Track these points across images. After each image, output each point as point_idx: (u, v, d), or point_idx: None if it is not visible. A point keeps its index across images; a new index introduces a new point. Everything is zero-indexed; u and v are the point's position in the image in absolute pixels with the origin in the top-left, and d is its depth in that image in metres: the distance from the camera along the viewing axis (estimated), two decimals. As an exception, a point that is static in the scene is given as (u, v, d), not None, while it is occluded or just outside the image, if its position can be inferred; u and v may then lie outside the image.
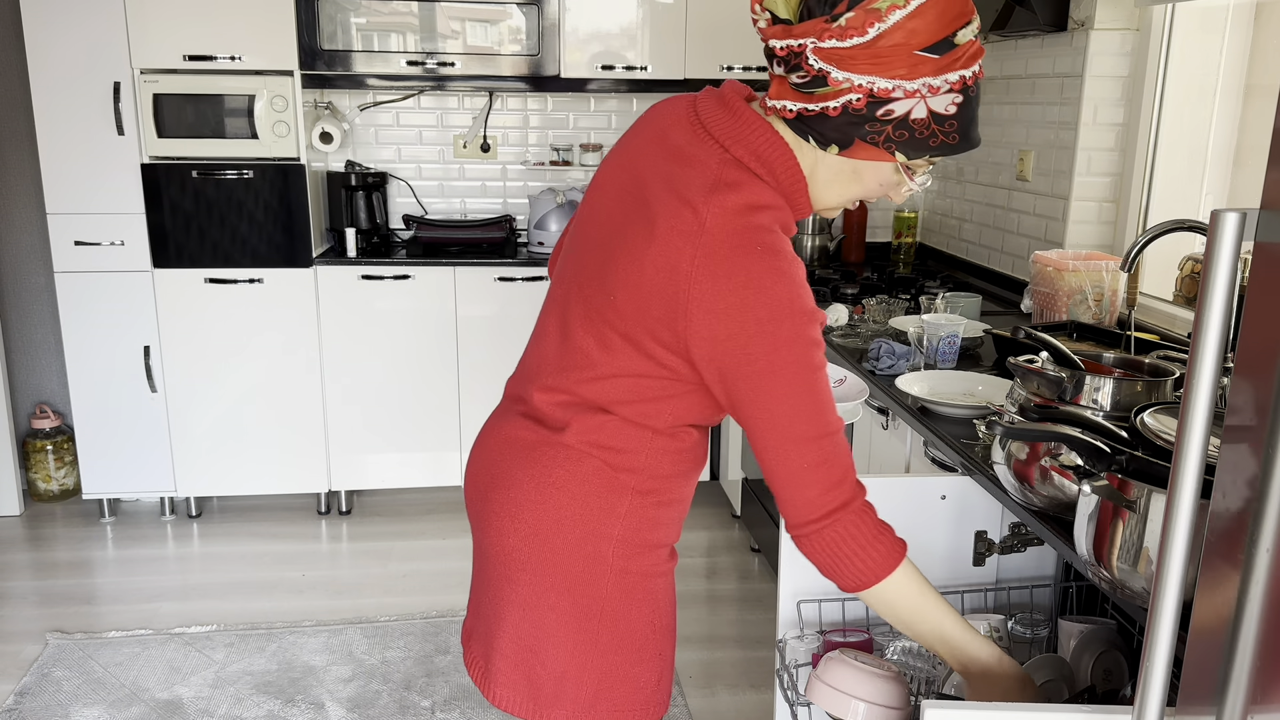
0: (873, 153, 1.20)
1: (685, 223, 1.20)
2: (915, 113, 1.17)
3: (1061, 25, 2.81)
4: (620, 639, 1.42)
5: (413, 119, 4.12)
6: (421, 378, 3.82)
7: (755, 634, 3.08)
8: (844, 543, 1.23)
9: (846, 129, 1.19)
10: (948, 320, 2.29)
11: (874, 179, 1.26)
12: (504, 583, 1.41)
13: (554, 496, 1.35)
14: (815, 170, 1.26)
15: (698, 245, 1.19)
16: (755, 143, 1.24)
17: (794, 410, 1.21)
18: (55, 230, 3.55)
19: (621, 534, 1.37)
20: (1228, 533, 0.92)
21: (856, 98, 1.16)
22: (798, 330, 1.19)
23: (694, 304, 1.19)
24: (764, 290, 1.18)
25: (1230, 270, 0.87)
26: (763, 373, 1.19)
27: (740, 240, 1.19)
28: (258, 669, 2.86)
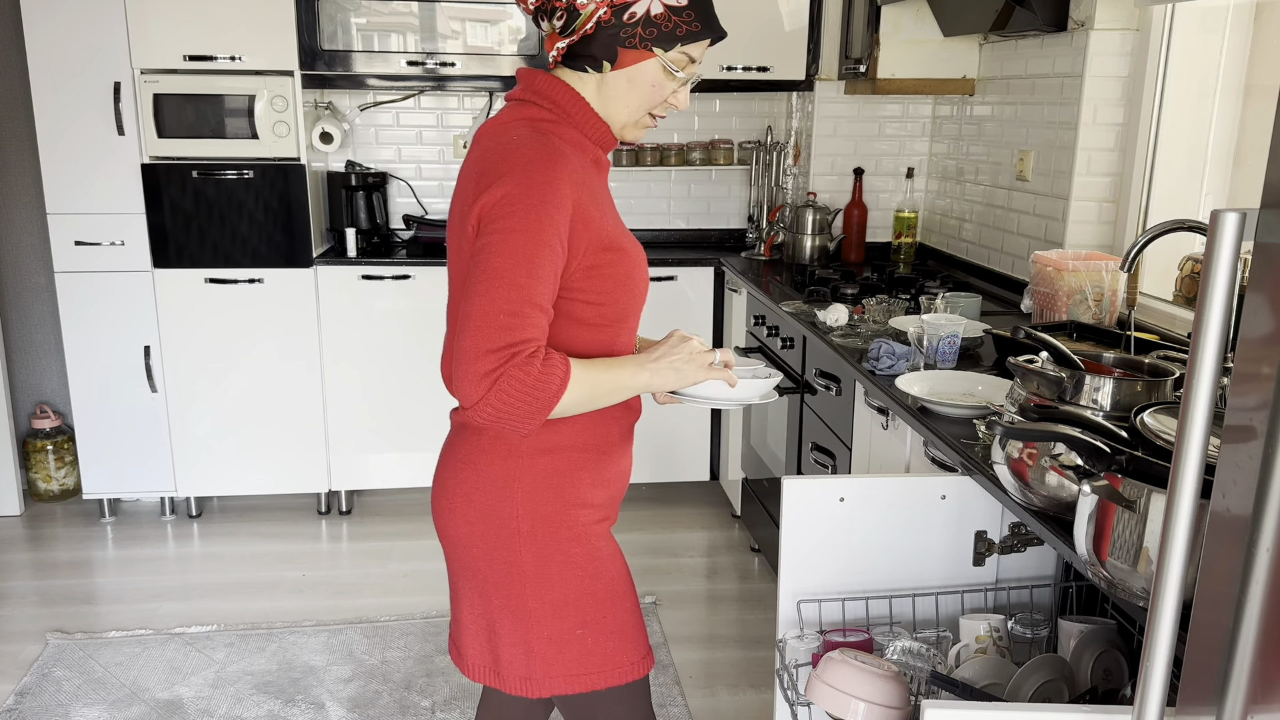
0: (635, 55, 1.41)
1: (472, 153, 1.42)
2: (654, 9, 1.39)
3: (1061, 25, 2.81)
4: (554, 606, 1.48)
5: (413, 119, 4.12)
6: (421, 378, 3.82)
7: (755, 634, 3.08)
8: (509, 399, 1.31)
9: (607, 42, 1.40)
10: (948, 320, 2.29)
11: (646, 82, 1.43)
12: (451, 563, 1.56)
13: (461, 471, 1.49)
14: (600, 95, 1.45)
15: (477, 155, 1.40)
16: (535, 83, 1.45)
17: (509, 266, 1.31)
18: (55, 230, 3.55)
19: (523, 498, 1.45)
20: (1228, 533, 0.92)
21: (604, 12, 1.38)
22: (544, 197, 1.33)
23: (472, 196, 1.36)
24: (512, 156, 1.35)
25: (1230, 270, 0.87)
26: (500, 230, 1.32)
27: (501, 131, 1.41)
28: (258, 669, 2.86)
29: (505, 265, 1.31)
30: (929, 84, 3.42)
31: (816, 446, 2.79)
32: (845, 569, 1.72)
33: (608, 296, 1.43)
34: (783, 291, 3.24)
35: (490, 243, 1.32)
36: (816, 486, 1.68)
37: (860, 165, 3.87)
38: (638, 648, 1.55)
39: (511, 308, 1.31)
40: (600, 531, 1.52)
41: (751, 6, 3.76)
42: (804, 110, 3.97)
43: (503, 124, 1.43)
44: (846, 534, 1.70)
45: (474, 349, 1.30)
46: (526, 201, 1.32)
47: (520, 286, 1.31)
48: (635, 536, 3.74)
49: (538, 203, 1.32)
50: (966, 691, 1.52)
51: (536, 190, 1.33)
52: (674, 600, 3.28)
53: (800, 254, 3.75)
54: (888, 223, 3.95)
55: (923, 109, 3.84)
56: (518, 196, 1.32)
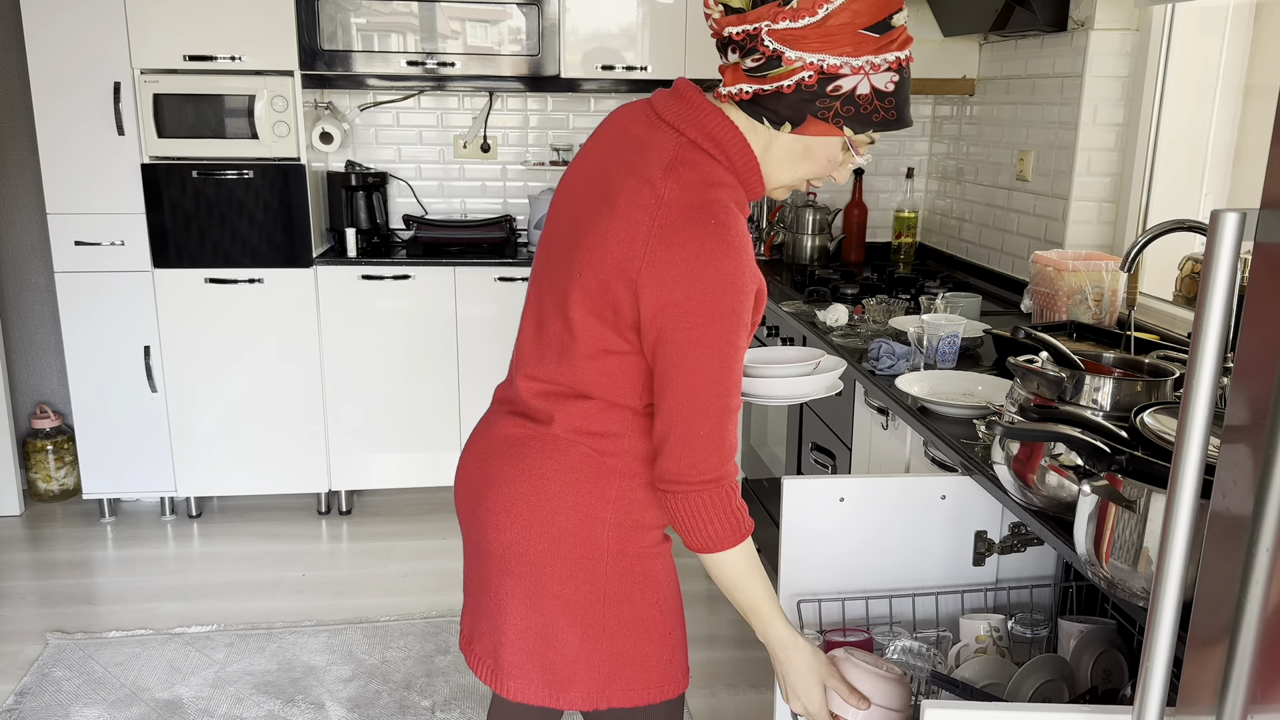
0: (823, 128, 1.31)
1: (644, 198, 1.29)
2: (860, 88, 1.28)
3: (1061, 25, 2.81)
4: (626, 621, 1.46)
5: (413, 119, 4.12)
6: (421, 378, 3.82)
7: (755, 634, 3.08)
8: (708, 510, 1.35)
9: (799, 106, 1.29)
10: (948, 320, 2.29)
11: (824, 155, 1.35)
12: (505, 577, 1.45)
13: (546, 487, 1.41)
14: (768, 150, 1.36)
15: (655, 216, 1.28)
16: (708, 126, 1.33)
17: (708, 381, 1.30)
18: (55, 230, 3.55)
19: (614, 517, 1.42)
20: (1228, 533, 0.92)
21: (808, 75, 1.27)
22: (735, 306, 1.28)
23: (647, 269, 1.27)
24: (712, 262, 1.26)
25: (1230, 270, 0.87)
26: (693, 340, 1.27)
27: (695, 213, 1.27)
28: (258, 669, 2.86)
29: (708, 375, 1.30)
30: (929, 84, 3.42)
31: (816, 446, 2.79)
32: (845, 569, 1.71)
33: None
34: (783, 291, 3.23)
35: (689, 352, 1.28)
36: (816, 486, 1.68)
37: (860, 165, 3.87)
38: (684, 662, 1.55)
39: (719, 420, 1.33)
40: (666, 551, 1.51)
41: (751, 6, 3.75)
42: (804, 110, 3.96)
43: (688, 185, 1.29)
44: (846, 534, 1.70)
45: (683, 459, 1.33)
46: (724, 307, 1.27)
47: (722, 395, 1.32)
48: (635, 536, 3.73)
49: (732, 308, 1.28)
50: (966, 691, 1.52)
51: (726, 306, 1.27)
52: (674, 600, 3.28)
53: (800, 254, 3.75)
54: (888, 223, 3.95)
55: (923, 109, 3.84)
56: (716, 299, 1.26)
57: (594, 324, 1.34)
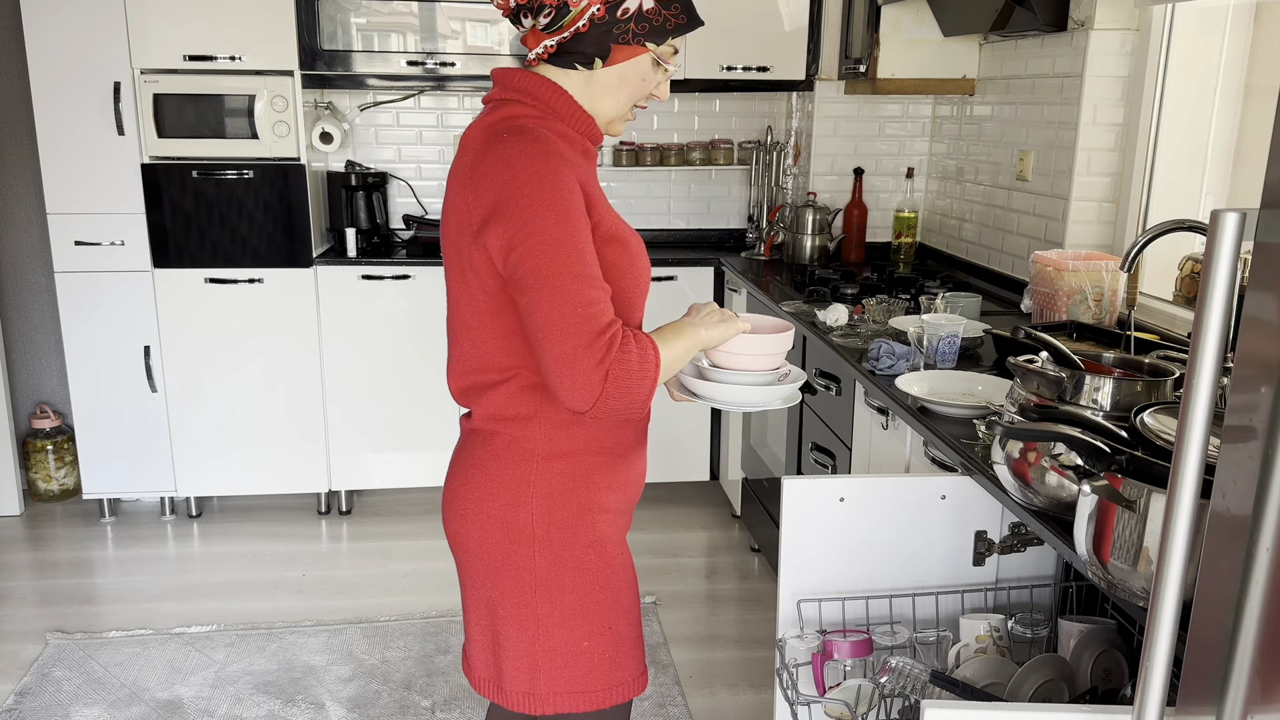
0: (628, 51, 1.41)
1: (460, 158, 1.41)
2: (645, 3, 1.39)
3: (1061, 25, 2.81)
4: (560, 613, 1.47)
5: (413, 119, 4.12)
6: (421, 378, 3.82)
7: (755, 634, 3.08)
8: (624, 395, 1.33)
9: (600, 39, 1.40)
10: (948, 320, 2.29)
11: (636, 76, 1.44)
12: (461, 571, 1.54)
13: (473, 477, 1.48)
14: (588, 91, 1.45)
15: (467, 160, 1.38)
16: (517, 82, 1.44)
17: (559, 263, 1.31)
18: (55, 230, 3.55)
19: (538, 502, 1.44)
20: (1228, 533, 0.92)
21: (596, 9, 1.38)
22: (554, 186, 1.32)
23: (471, 199, 1.36)
24: (512, 160, 1.33)
25: (1230, 270, 0.87)
26: (530, 233, 1.31)
27: (490, 135, 1.38)
28: (258, 669, 2.86)
29: (556, 262, 1.30)
30: (929, 84, 3.42)
31: (816, 446, 2.79)
32: (845, 569, 1.71)
33: (614, 286, 1.41)
34: (783, 291, 3.23)
35: (530, 248, 1.30)
36: (816, 486, 1.68)
37: (860, 165, 3.87)
38: (636, 664, 1.54)
39: (583, 297, 1.31)
40: (615, 538, 1.51)
41: (751, 6, 3.76)
42: (804, 110, 3.97)
43: (487, 126, 1.40)
44: (846, 534, 1.70)
45: (569, 352, 1.30)
46: (543, 195, 1.31)
47: (578, 275, 1.31)
48: (635, 536, 3.74)
49: (553, 192, 1.31)
50: (966, 691, 1.52)
51: (548, 181, 1.31)
52: (674, 600, 3.28)
53: (800, 254, 3.75)
54: (888, 223, 3.95)
55: (923, 109, 3.84)
56: (533, 193, 1.31)
57: (467, 292, 1.41)
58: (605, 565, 1.49)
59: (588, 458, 1.46)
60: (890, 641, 1.70)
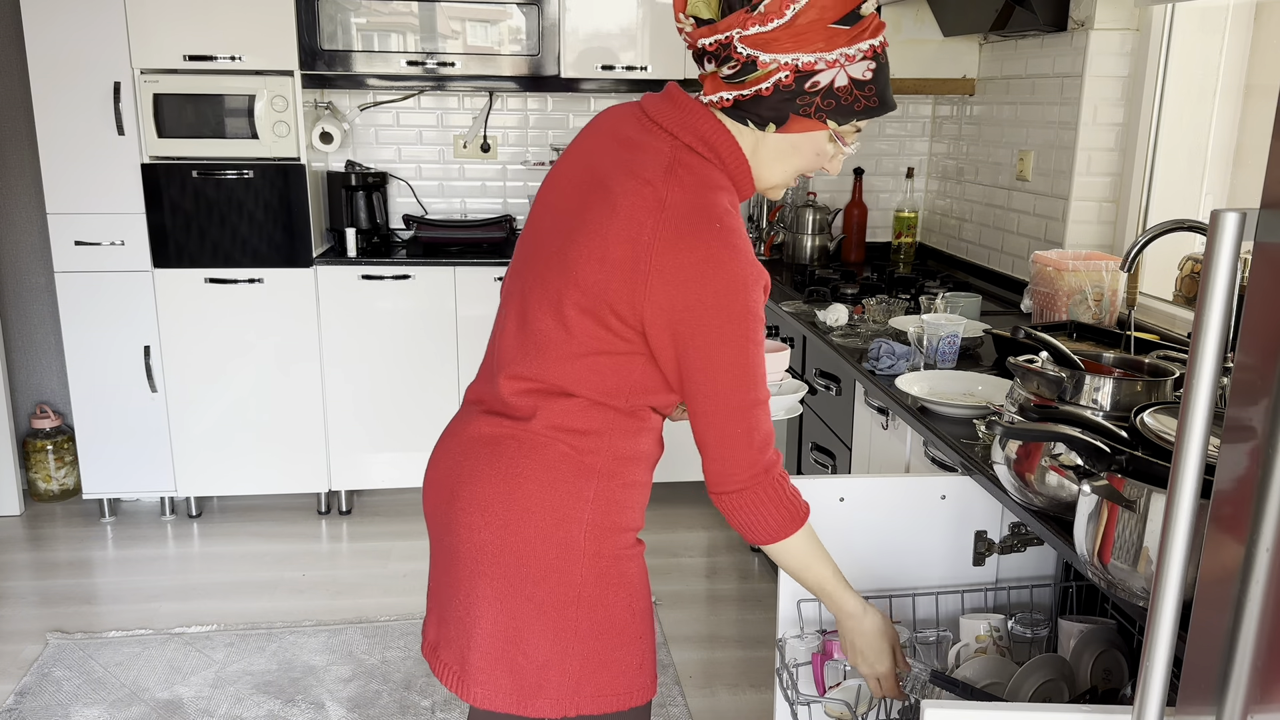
0: (806, 124, 1.33)
1: (646, 200, 1.30)
2: (838, 81, 1.30)
3: (1061, 25, 2.81)
4: (599, 624, 1.44)
5: (413, 119, 4.12)
6: (421, 378, 3.82)
7: (755, 634, 3.08)
8: (762, 503, 1.38)
9: (781, 106, 1.31)
10: (948, 320, 2.29)
11: (810, 149, 1.37)
12: (477, 579, 1.43)
13: (522, 486, 1.39)
14: (757, 151, 1.37)
15: (659, 219, 1.29)
16: (701, 129, 1.35)
17: (735, 380, 1.32)
18: (55, 230, 3.55)
19: (591, 518, 1.41)
20: (1228, 533, 0.92)
21: (785, 75, 1.29)
22: (748, 305, 1.30)
23: (654, 274, 1.28)
24: (721, 265, 1.27)
25: (1230, 270, 0.87)
26: (714, 343, 1.29)
27: (699, 217, 1.29)
28: (258, 669, 2.86)
29: (733, 375, 1.32)
30: (929, 84, 3.42)
31: (816, 446, 2.79)
32: (845, 569, 1.71)
33: None
34: (783, 291, 3.24)
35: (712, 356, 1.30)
36: (816, 486, 1.68)
37: (860, 165, 3.87)
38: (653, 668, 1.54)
39: (749, 415, 1.35)
40: (640, 553, 1.51)
41: (751, 6, 3.75)
42: (804, 110, 3.96)
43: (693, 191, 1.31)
44: (846, 534, 1.70)
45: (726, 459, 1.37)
46: (738, 307, 1.29)
47: (749, 391, 1.34)
48: (635, 536, 3.74)
49: (746, 308, 1.30)
50: (966, 691, 1.52)
51: (741, 298, 1.29)
52: (674, 600, 3.28)
53: (800, 254, 3.75)
54: (888, 223, 3.95)
55: (923, 109, 3.84)
56: (730, 300, 1.28)
57: (589, 323, 1.33)
58: (641, 578, 1.49)
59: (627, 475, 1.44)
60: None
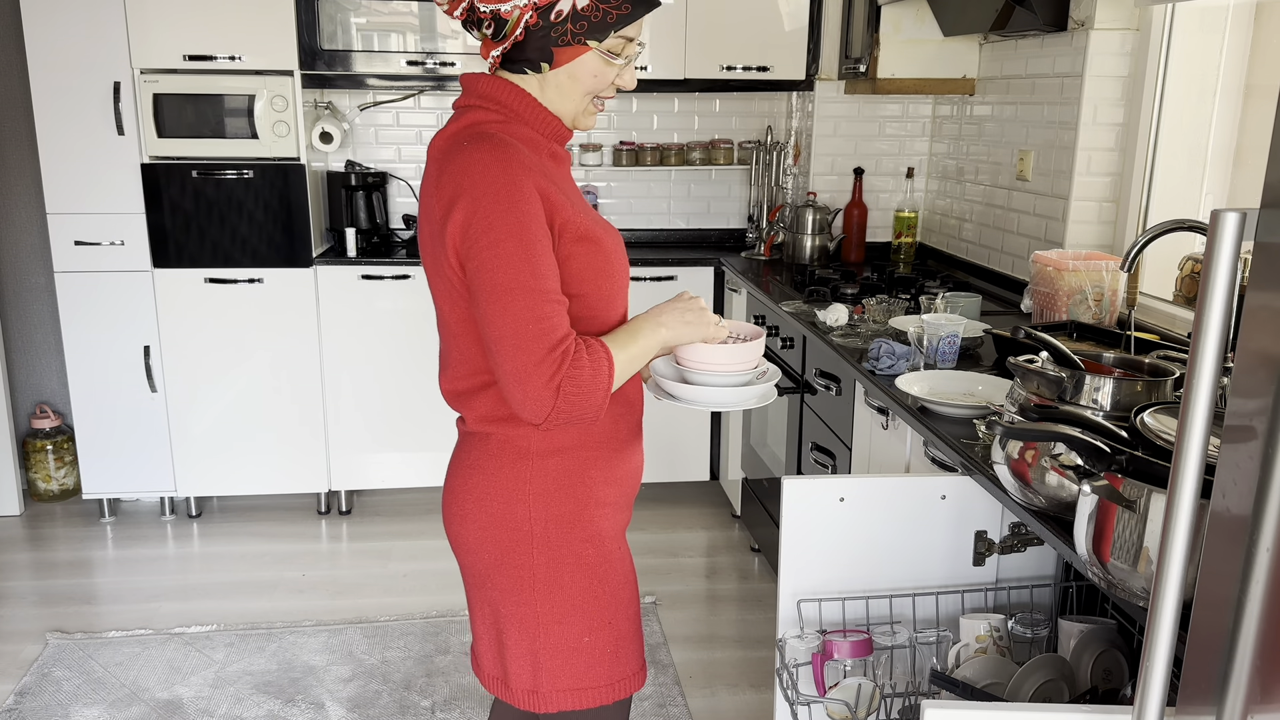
0: (571, 51, 1.40)
1: (428, 166, 1.42)
2: (578, 3, 1.36)
3: (1061, 25, 2.81)
4: (560, 610, 1.47)
5: (413, 119, 4.12)
6: (422, 378, 3.82)
7: (755, 634, 3.08)
8: (575, 406, 1.34)
9: (540, 44, 1.39)
10: (948, 320, 2.29)
11: (586, 73, 1.43)
12: (464, 572, 1.55)
13: (472, 478, 1.49)
14: (544, 93, 1.44)
15: (434, 169, 1.38)
16: (483, 90, 1.44)
17: (512, 277, 1.31)
18: (55, 230, 3.55)
19: (535, 499, 1.45)
20: (1228, 533, 0.92)
21: (529, 16, 1.36)
22: (512, 197, 1.32)
23: (438, 205, 1.36)
24: (475, 167, 1.33)
25: (1230, 270, 0.87)
26: (485, 246, 1.31)
27: (452, 143, 1.38)
28: (258, 669, 2.86)
29: (508, 276, 1.31)
30: (929, 84, 3.42)
31: (816, 446, 2.79)
32: (845, 569, 1.71)
33: (589, 285, 1.42)
34: (783, 291, 3.23)
35: (483, 260, 1.31)
36: (816, 486, 1.68)
37: (860, 165, 3.87)
38: (635, 660, 1.55)
39: (534, 313, 1.31)
40: (613, 533, 1.52)
41: (751, 6, 3.76)
42: (804, 110, 3.97)
43: (451, 134, 1.41)
44: (846, 534, 1.70)
45: (521, 368, 1.31)
46: (499, 207, 1.31)
47: (531, 290, 1.31)
48: (635, 536, 3.74)
49: (509, 204, 1.31)
50: (967, 691, 1.52)
51: (504, 192, 1.31)
52: (674, 600, 3.28)
53: (800, 254, 3.75)
54: (888, 223, 3.95)
55: (923, 109, 3.84)
56: (489, 205, 1.31)
57: (448, 298, 1.41)
58: (603, 560, 1.49)
59: (583, 453, 1.47)
60: (890, 641, 1.70)
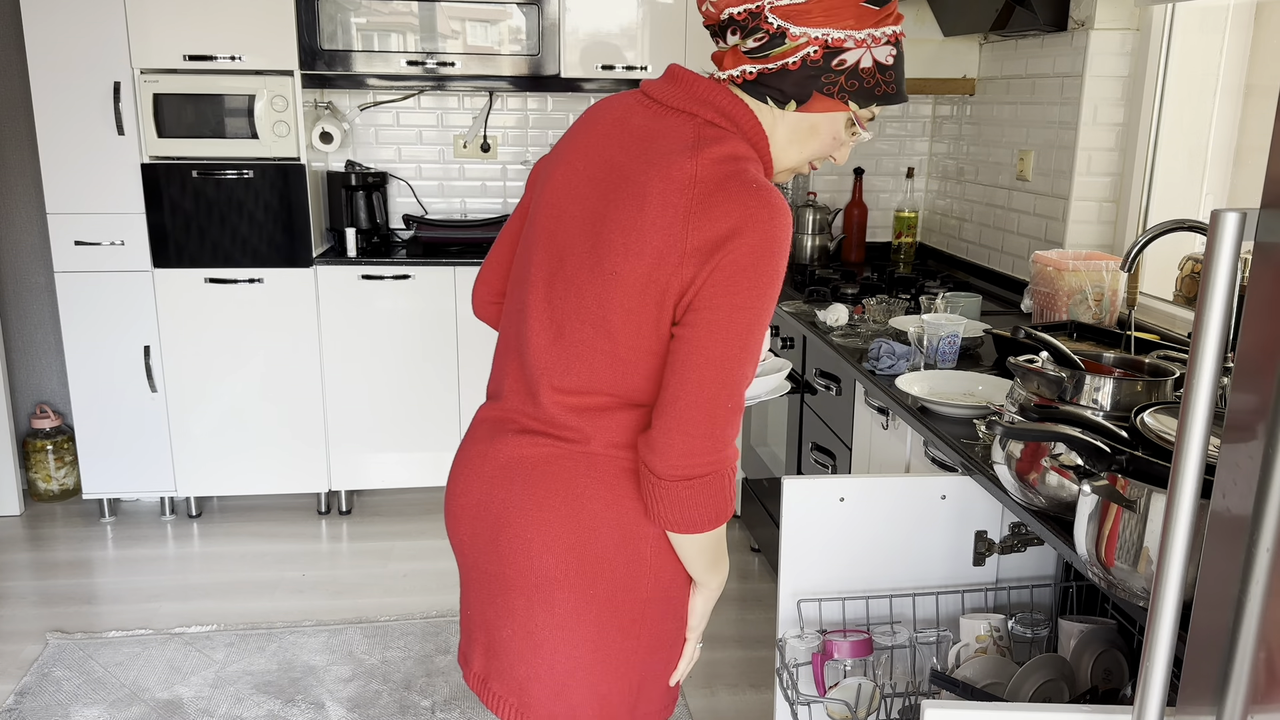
0: (829, 104, 1.28)
1: (676, 180, 1.23)
2: (863, 62, 1.26)
3: (1061, 25, 2.81)
4: (655, 642, 1.40)
5: (413, 119, 4.12)
6: (421, 378, 3.82)
7: (755, 634, 3.08)
8: (699, 497, 1.26)
9: (805, 82, 1.26)
10: (948, 320, 2.29)
11: (829, 132, 1.32)
12: (537, 608, 1.35)
13: (587, 506, 1.32)
14: (774, 131, 1.32)
15: (692, 194, 1.22)
16: (720, 103, 1.28)
17: (737, 352, 1.22)
18: (55, 230, 3.55)
19: (657, 531, 1.35)
20: (1228, 533, 0.92)
21: (813, 50, 1.25)
22: (778, 270, 1.23)
23: (693, 246, 1.21)
24: (759, 224, 1.21)
25: (1230, 270, 0.87)
26: (736, 306, 1.21)
27: (732, 180, 1.22)
28: (258, 669, 2.86)
29: (740, 350, 1.23)
30: (929, 84, 3.42)
31: (816, 446, 2.79)
32: (845, 569, 1.71)
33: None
34: (783, 291, 3.24)
35: (729, 320, 1.21)
36: (816, 486, 1.68)
37: (860, 165, 3.87)
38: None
39: (735, 401, 1.24)
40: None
41: (751, 6, 3.75)
42: (804, 110, 3.96)
43: (721, 160, 1.24)
44: (846, 534, 1.70)
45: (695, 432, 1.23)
46: (767, 278, 1.21)
47: (744, 371, 1.24)
48: (635, 536, 3.73)
49: (771, 280, 1.22)
50: (967, 691, 1.52)
51: (773, 267, 1.21)
52: (674, 600, 3.28)
53: (800, 254, 3.75)
54: (888, 223, 3.95)
55: (923, 109, 3.84)
56: (761, 271, 1.21)
57: (636, 324, 1.26)
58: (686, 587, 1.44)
59: None
60: (890, 641, 1.70)
